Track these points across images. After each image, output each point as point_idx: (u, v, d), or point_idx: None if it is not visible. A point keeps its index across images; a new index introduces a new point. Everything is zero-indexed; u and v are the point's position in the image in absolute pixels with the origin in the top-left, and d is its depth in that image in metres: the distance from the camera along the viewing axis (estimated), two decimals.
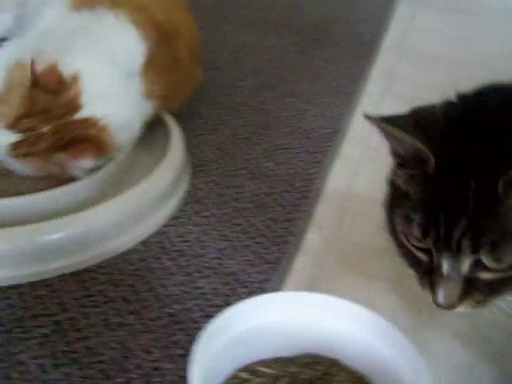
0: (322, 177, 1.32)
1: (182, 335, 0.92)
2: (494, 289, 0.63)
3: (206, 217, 1.16)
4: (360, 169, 1.36)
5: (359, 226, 1.19)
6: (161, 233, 1.12)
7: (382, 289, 1.04)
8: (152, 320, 0.94)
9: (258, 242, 1.11)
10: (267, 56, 1.90)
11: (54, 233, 1.01)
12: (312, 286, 1.04)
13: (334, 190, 1.29)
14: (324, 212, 1.22)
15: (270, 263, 1.07)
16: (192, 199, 1.21)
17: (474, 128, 0.63)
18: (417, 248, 0.67)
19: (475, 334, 0.96)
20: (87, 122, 1.11)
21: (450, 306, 0.64)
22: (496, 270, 0.60)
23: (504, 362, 0.91)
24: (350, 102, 1.63)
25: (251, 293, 1.00)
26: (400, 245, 0.70)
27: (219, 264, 1.06)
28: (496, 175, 0.58)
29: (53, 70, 1.08)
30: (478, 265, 0.61)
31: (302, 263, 1.08)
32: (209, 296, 0.99)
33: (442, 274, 0.63)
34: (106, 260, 1.05)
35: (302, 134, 1.47)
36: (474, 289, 0.62)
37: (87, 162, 1.08)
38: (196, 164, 1.31)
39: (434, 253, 0.64)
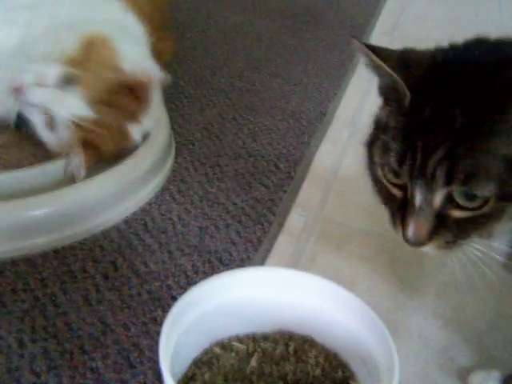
0: (307, 158, 1.32)
1: (160, 312, 0.93)
2: (463, 229, 0.61)
3: (189, 196, 1.16)
4: (346, 151, 1.36)
5: (343, 207, 1.19)
6: (144, 211, 1.12)
7: (364, 269, 1.05)
8: (132, 296, 0.95)
9: (240, 222, 1.11)
10: (257, 37, 1.89)
11: (36, 209, 1.01)
12: (293, 265, 1.04)
13: (320, 171, 1.29)
14: (308, 193, 1.22)
15: (251, 242, 1.07)
16: (176, 178, 1.21)
17: (456, 70, 0.62)
18: (392, 184, 0.65)
19: (454, 315, 0.96)
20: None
21: (419, 242, 0.62)
22: (467, 208, 0.59)
23: (481, 342, 0.92)
24: (339, 85, 1.63)
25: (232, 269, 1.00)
26: (376, 180, 0.69)
27: (201, 242, 1.06)
28: (479, 108, 0.58)
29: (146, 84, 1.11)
30: (450, 201, 0.60)
31: (284, 243, 1.09)
32: (189, 274, 1.00)
33: (414, 207, 0.62)
34: (88, 237, 1.05)
35: (289, 115, 1.47)
36: (444, 227, 0.61)
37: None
38: (182, 143, 1.31)
39: (408, 184, 0.62)
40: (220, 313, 0.69)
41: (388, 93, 0.66)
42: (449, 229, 0.61)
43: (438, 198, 0.60)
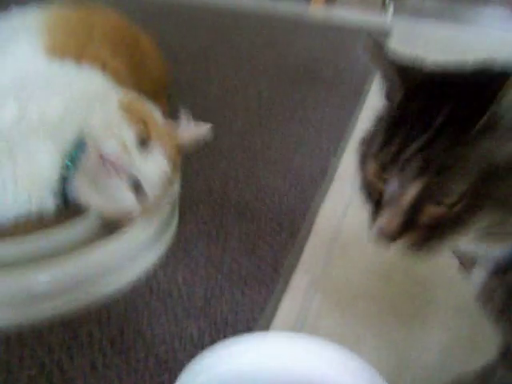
0: (310, 216, 1.33)
1: (167, 375, 0.92)
2: (433, 230, 0.59)
3: (194, 257, 1.17)
4: (349, 208, 1.37)
5: (348, 265, 1.20)
6: (149, 274, 1.12)
7: (370, 328, 1.05)
8: (138, 361, 0.95)
9: (245, 283, 1.11)
10: (257, 96, 1.93)
11: (42, 276, 1.01)
12: (299, 325, 1.04)
13: (323, 229, 1.30)
14: (312, 251, 1.23)
15: (257, 303, 1.07)
16: (181, 240, 1.22)
17: (453, 79, 0.65)
18: (377, 179, 0.64)
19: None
20: None
21: (388, 236, 0.60)
22: (440, 205, 0.58)
23: None
24: (339, 141, 1.65)
25: (238, 332, 1.00)
26: (363, 177, 0.68)
27: (206, 305, 1.06)
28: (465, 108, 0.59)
29: None
30: (423, 196, 0.58)
31: (289, 303, 1.09)
32: (195, 337, 1.00)
33: (386, 199, 0.60)
34: (94, 302, 1.05)
35: (291, 173, 1.49)
36: (414, 224, 0.59)
37: None
38: (186, 205, 1.32)
39: (384, 173, 0.62)
40: (225, 380, 0.69)
41: (387, 92, 0.69)
42: (420, 227, 0.60)
43: (411, 190, 0.59)
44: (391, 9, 3.00)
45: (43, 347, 0.96)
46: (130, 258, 1.11)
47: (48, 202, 1.13)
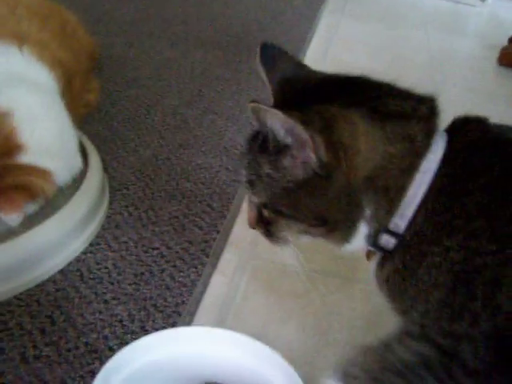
0: (239, 196, 1.35)
1: (98, 364, 0.94)
2: (267, 225, 0.80)
3: (124, 242, 1.19)
4: None
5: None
6: (79, 260, 1.14)
7: (296, 307, 1.09)
8: (69, 350, 0.97)
9: (174, 266, 1.14)
10: (190, 72, 1.93)
11: None
12: (227, 306, 1.08)
13: None
14: (240, 231, 1.26)
15: (186, 286, 1.10)
16: (111, 224, 1.23)
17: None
18: None
19: None
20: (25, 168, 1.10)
21: (250, 225, 0.83)
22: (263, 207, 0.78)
23: None
24: None
25: (167, 317, 1.03)
26: None
27: (136, 290, 1.09)
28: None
29: None
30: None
31: (218, 284, 1.12)
32: (125, 323, 1.02)
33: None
34: (24, 292, 1.06)
35: (222, 152, 1.51)
36: (261, 221, 0.81)
37: (13, 215, 1.08)
38: (116, 188, 1.33)
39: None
40: (147, 372, 0.72)
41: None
42: (263, 223, 0.81)
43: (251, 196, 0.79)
44: None
45: None
46: (58, 244, 1.12)
47: None
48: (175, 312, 1.05)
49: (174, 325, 1.02)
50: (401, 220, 0.72)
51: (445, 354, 0.68)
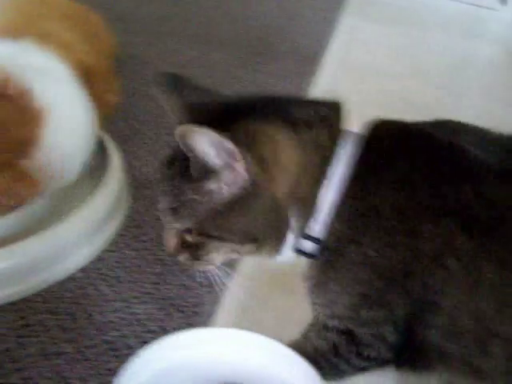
0: None
1: (117, 362, 0.95)
2: (192, 251, 0.79)
3: (144, 241, 1.20)
4: None
5: None
6: (99, 259, 1.15)
7: None
8: (89, 348, 0.98)
9: None
10: (210, 72, 1.93)
11: None
12: (245, 307, 1.08)
13: None
14: None
15: (204, 286, 1.10)
16: (131, 223, 1.24)
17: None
18: None
19: None
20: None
21: (171, 253, 0.81)
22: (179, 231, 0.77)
23: None
24: None
25: (186, 317, 1.04)
26: None
27: (156, 289, 1.09)
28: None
29: None
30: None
31: (236, 285, 1.13)
32: (144, 322, 1.03)
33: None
34: (45, 288, 1.07)
35: None
36: (186, 246, 0.78)
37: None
38: (137, 187, 1.34)
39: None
40: (170, 374, 0.72)
41: None
42: (188, 249, 0.78)
43: (169, 221, 0.77)
44: None
45: None
46: (79, 242, 1.14)
47: None
48: (194, 312, 1.06)
49: (192, 325, 1.02)
50: (316, 224, 0.75)
51: (352, 342, 0.78)
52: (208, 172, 0.70)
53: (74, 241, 1.12)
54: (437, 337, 0.73)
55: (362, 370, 0.81)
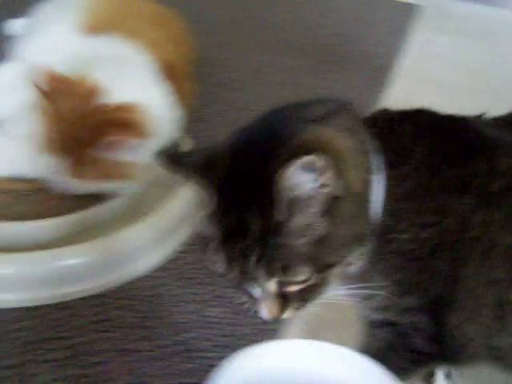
0: None
1: (191, 364, 0.97)
2: (304, 296, 0.71)
3: None
4: None
5: None
6: (176, 259, 1.16)
7: None
8: (163, 347, 0.99)
9: None
10: (282, 78, 1.94)
11: (73, 258, 1.06)
12: (320, 318, 1.08)
13: None
14: None
15: None
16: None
17: (243, 161, 0.69)
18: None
19: None
20: (118, 108, 1.13)
21: (275, 319, 0.71)
22: (297, 283, 0.68)
23: None
24: None
25: (260, 324, 1.04)
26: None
27: (229, 293, 1.10)
28: (271, 201, 0.64)
29: (49, 74, 1.09)
30: (282, 284, 0.69)
31: None
32: (219, 325, 1.04)
33: (258, 298, 0.71)
34: (123, 285, 1.09)
35: None
36: (289, 300, 0.70)
37: (130, 142, 1.09)
38: None
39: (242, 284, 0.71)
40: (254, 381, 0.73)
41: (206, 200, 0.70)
42: (294, 299, 0.70)
43: (271, 287, 0.69)
44: None
45: (74, 328, 1.00)
46: (158, 241, 1.15)
47: None
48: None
49: (266, 331, 1.03)
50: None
51: (399, 335, 0.79)
52: (295, 207, 0.64)
53: (152, 240, 1.14)
54: (460, 320, 0.75)
55: (417, 365, 0.84)
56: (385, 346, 0.82)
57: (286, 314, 0.71)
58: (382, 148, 0.74)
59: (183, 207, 1.20)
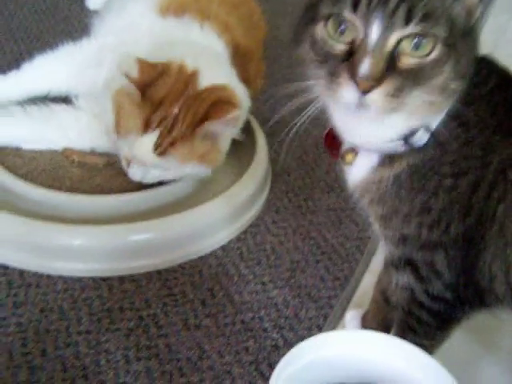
0: None
1: (252, 342, 1.00)
2: (408, 80, 0.63)
3: (283, 227, 1.23)
4: None
5: None
6: (240, 239, 1.20)
7: None
8: (226, 325, 1.03)
9: (330, 258, 1.17)
10: None
11: (144, 233, 1.11)
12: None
13: None
14: None
15: (339, 280, 1.13)
16: (271, 208, 1.28)
17: None
18: (336, 42, 0.66)
19: None
20: (211, 89, 1.16)
21: (373, 78, 0.62)
22: (415, 56, 0.63)
23: None
24: None
25: (319, 308, 1.07)
26: (316, 54, 0.71)
27: (291, 276, 1.13)
28: None
29: (141, 63, 1.12)
30: (400, 48, 0.63)
31: (368, 284, 1.14)
32: (280, 307, 1.07)
33: (367, 46, 0.63)
34: (188, 262, 1.13)
35: None
36: (393, 71, 0.63)
37: (233, 118, 1.13)
38: (278, 172, 1.37)
39: (363, 25, 0.63)
40: (317, 365, 0.75)
41: None
42: (397, 75, 0.63)
43: (394, 38, 0.62)
44: None
45: (141, 301, 1.05)
46: (223, 221, 1.19)
47: None
48: (328, 304, 1.08)
49: (325, 316, 1.05)
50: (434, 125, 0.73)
51: (422, 280, 0.80)
52: None
53: (219, 219, 1.18)
54: (489, 258, 0.75)
55: (440, 318, 0.84)
56: (408, 297, 0.83)
57: (380, 89, 0.63)
58: None
59: (252, 188, 1.23)
